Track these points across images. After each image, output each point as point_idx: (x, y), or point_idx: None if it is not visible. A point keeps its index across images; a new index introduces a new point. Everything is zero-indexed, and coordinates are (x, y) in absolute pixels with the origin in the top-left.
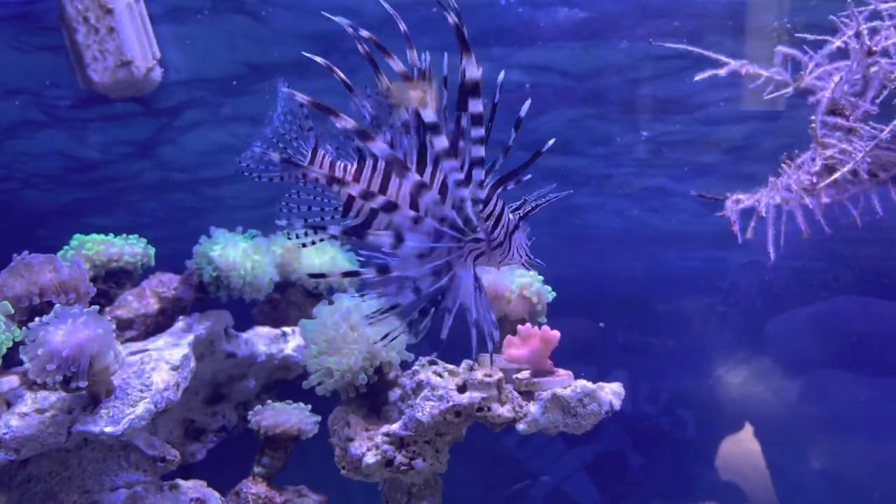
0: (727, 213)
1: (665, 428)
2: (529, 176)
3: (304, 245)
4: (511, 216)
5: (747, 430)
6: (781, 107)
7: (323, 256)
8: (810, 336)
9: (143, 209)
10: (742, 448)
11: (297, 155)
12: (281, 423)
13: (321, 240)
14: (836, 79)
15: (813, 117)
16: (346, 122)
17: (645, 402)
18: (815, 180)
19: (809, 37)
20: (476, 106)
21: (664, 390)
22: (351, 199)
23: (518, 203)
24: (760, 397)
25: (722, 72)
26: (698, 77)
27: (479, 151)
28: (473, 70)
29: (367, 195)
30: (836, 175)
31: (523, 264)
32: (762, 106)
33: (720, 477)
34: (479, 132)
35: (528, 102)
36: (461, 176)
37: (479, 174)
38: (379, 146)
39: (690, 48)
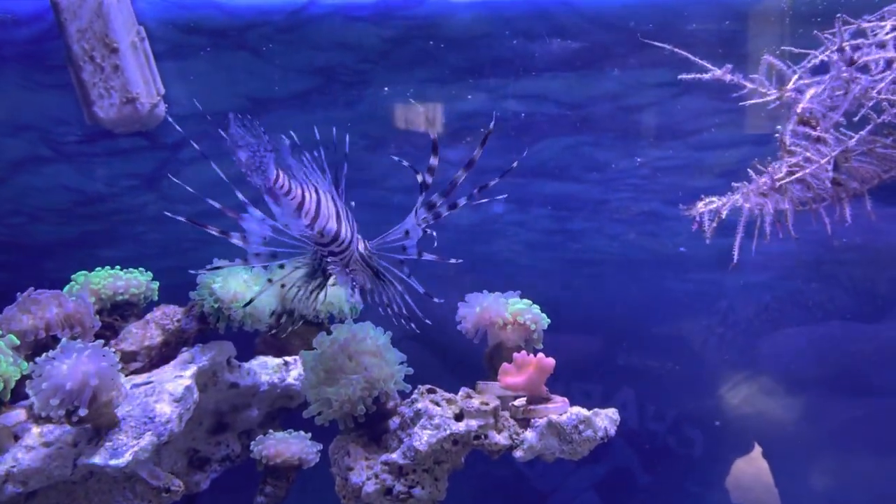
0: (694, 213)
1: (667, 447)
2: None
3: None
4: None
5: (749, 449)
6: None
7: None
8: (806, 356)
9: (147, 240)
10: (748, 466)
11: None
12: (282, 453)
13: None
14: (811, 91)
15: (778, 126)
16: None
17: (644, 423)
18: (777, 185)
19: (795, 49)
20: None
21: (664, 411)
22: None
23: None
24: (759, 416)
25: (707, 76)
26: (682, 77)
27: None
28: None
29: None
30: (796, 176)
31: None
32: (761, 130)
33: (724, 495)
34: None
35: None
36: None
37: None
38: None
39: (678, 50)
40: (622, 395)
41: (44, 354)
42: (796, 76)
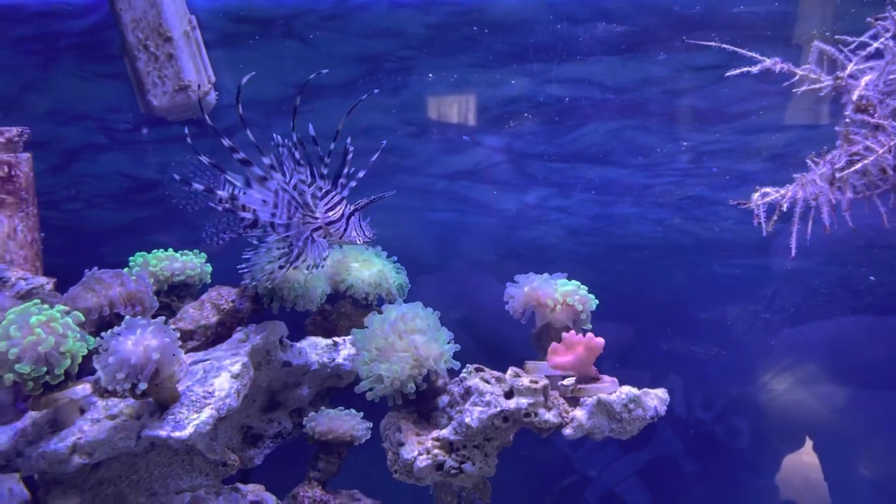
0: (751, 205)
1: (712, 435)
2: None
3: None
4: (350, 208)
5: (796, 438)
6: (825, 118)
7: (371, 268)
8: (854, 342)
9: (197, 226)
10: (796, 457)
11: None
12: (335, 429)
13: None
14: (867, 77)
15: (846, 119)
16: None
17: (690, 409)
18: (839, 175)
19: (848, 38)
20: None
21: (708, 398)
22: None
23: (363, 200)
24: (806, 404)
25: (754, 69)
26: (729, 74)
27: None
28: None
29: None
30: (857, 166)
31: (360, 242)
32: (804, 119)
33: (769, 482)
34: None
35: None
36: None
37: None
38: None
39: (723, 46)
40: (667, 383)
41: (109, 331)
42: (852, 64)
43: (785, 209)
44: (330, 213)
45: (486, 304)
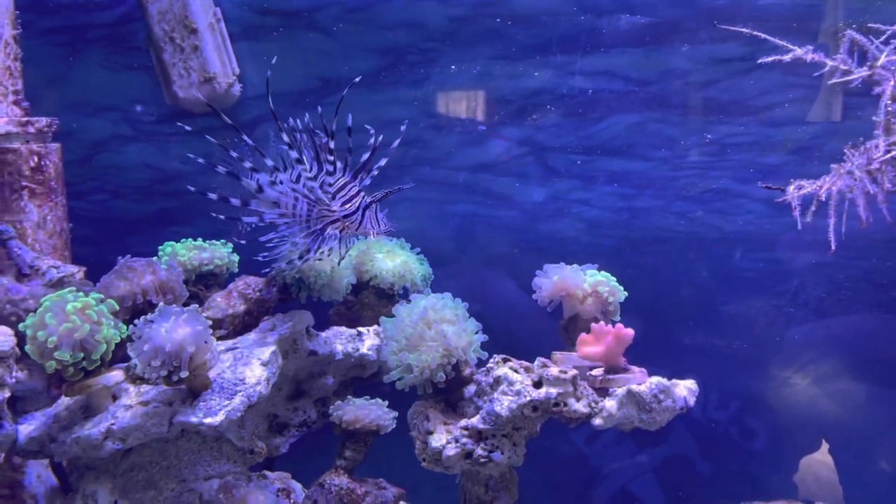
0: (788, 199)
1: (731, 430)
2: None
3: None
4: (366, 199)
5: (815, 435)
6: (838, 117)
7: (395, 259)
8: (880, 338)
9: (219, 218)
10: (816, 455)
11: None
12: (361, 418)
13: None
14: None
15: (887, 102)
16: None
17: (711, 404)
18: (877, 166)
19: (883, 27)
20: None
21: (731, 392)
22: None
23: (379, 192)
24: (829, 400)
25: (786, 58)
26: (761, 61)
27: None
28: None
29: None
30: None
31: (374, 234)
32: (823, 118)
33: (788, 480)
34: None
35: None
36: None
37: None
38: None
39: (755, 33)
40: (688, 377)
41: (143, 318)
42: (884, 55)
43: (823, 199)
44: (346, 206)
45: (507, 297)
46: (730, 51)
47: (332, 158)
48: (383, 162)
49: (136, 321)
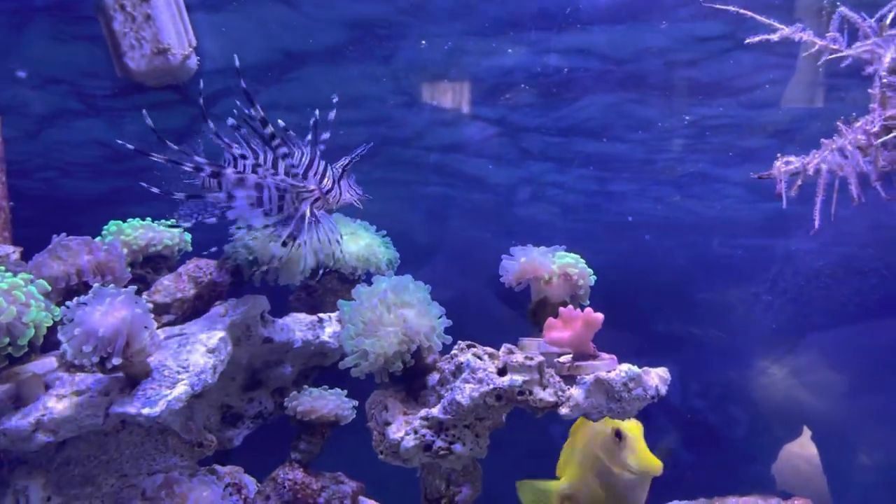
0: (774, 174)
1: (708, 420)
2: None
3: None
4: (336, 170)
5: (794, 424)
6: (820, 103)
7: (359, 242)
8: (859, 326)
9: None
10: (794, 445)
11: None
12: (317, 409)
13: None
14: None
15: (882, 74)
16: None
17: (689, 393)
18: (872, 141)
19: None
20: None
21: (707, 381)
22: None
23: (341, 161)
24: (806, 389)
25: (774, 37)
26: (749, 41)
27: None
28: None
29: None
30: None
31: (356, 201)
32: (803, 103)
33: (765, 469)
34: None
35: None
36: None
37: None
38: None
39: (742, 11)
40: (664, 365)
41: (75, 299)
42: (886, 24)
43: (810, 174)
44: (325, 182)
45: (479, 282)
46: (710, 29)
47: (277, 143)
48: (327, 135)
49: (68, 303)
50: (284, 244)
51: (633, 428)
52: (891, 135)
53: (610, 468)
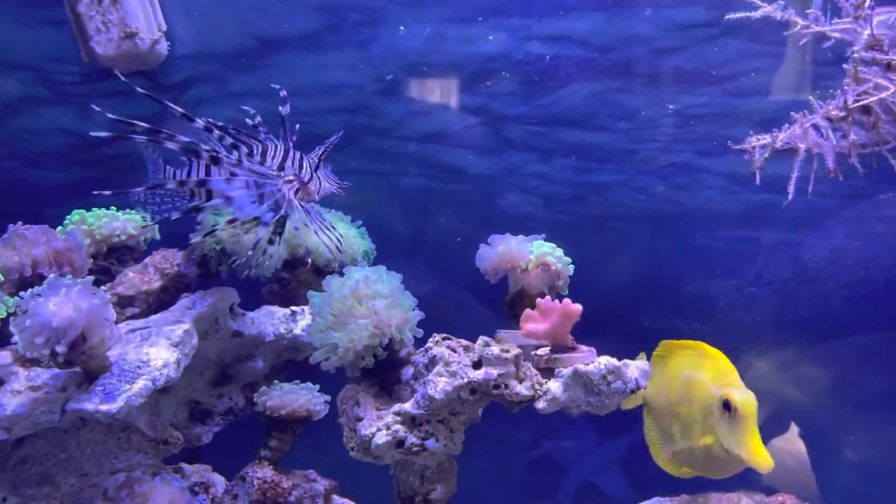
0: (746, 147)
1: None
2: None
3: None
4: (313, 159)
5: (780, 418)
6: (808, 94)
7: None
8: (845, 319)
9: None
10: (778, 439)
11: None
12: (288, 404)
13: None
14: (881, 17)
15: (856, 49)
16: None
17: None
18: (844, 114)
19: None
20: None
21: None
22: None
23: (315, 150)
24: (792, 383)
25: (756, 14)
26: (729, 17)
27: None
28: None
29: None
30: (864, 101)
31: (337, 190)
32: (788, 95)
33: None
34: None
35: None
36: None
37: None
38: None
39: None
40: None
41: (29, 290)
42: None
43: (778, 147)
44: (304, 173)
45: (459, 275)
46: (694, 16)
47: (245, 139)
48: (297, 126)
49: (22, 294)
50: (278, 232)
51: (747, 404)
52: (861, 102)
53: (707, 427)
